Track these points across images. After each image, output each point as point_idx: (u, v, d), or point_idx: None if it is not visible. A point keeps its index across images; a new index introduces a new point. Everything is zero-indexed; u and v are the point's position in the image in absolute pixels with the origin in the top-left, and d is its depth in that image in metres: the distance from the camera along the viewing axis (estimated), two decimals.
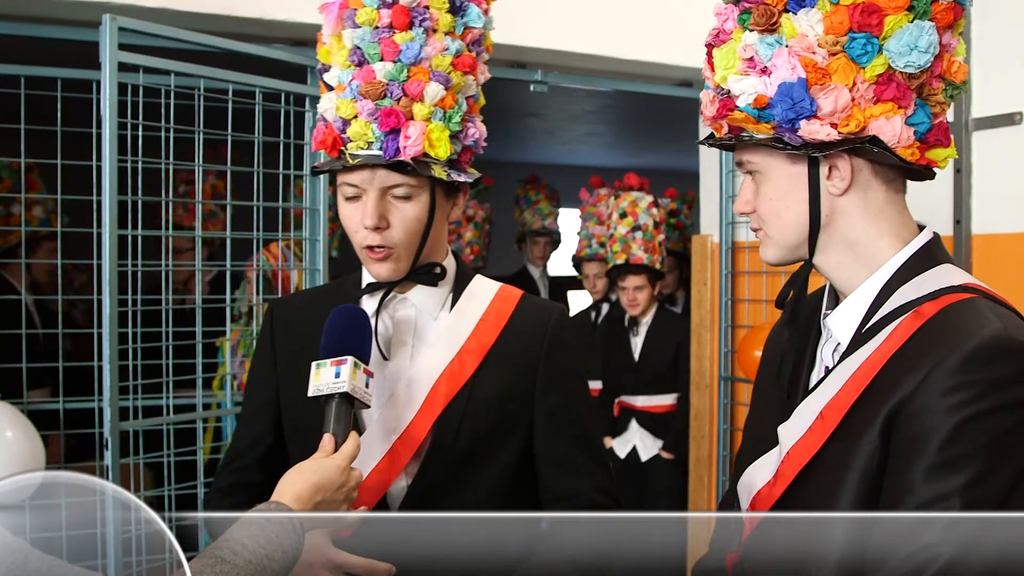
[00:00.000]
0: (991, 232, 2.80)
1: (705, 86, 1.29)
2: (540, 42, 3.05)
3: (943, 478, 1.02)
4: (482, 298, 1.56)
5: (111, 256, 2.31)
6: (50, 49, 2.59)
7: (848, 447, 1.12)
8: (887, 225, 1.21)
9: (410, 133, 1.39)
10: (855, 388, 1.13)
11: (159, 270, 2.69)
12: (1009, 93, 2.75)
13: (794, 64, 1.13)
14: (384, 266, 1.45)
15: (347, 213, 1.45)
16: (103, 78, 2.30)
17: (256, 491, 1.50)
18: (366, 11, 1.40)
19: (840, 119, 1.13)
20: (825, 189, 1.19)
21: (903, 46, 1.11)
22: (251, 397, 1.63)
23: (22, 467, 2.38)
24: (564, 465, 1.53)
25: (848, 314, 1.22)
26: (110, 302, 2.33)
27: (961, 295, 1.14)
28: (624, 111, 6.39)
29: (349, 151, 1.42)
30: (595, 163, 9.18)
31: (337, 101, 1.42)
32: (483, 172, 5.89)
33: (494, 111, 6.11)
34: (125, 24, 2.30)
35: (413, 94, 1.40)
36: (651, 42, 3.23)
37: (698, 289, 3.83)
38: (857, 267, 1.21)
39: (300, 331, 1.55)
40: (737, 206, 1.30)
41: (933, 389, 1.05)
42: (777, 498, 1.20)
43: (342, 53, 1.43)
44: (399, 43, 1.39)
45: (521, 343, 1.52)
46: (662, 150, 7.94)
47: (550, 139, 7.69)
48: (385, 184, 1.41)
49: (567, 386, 1.55)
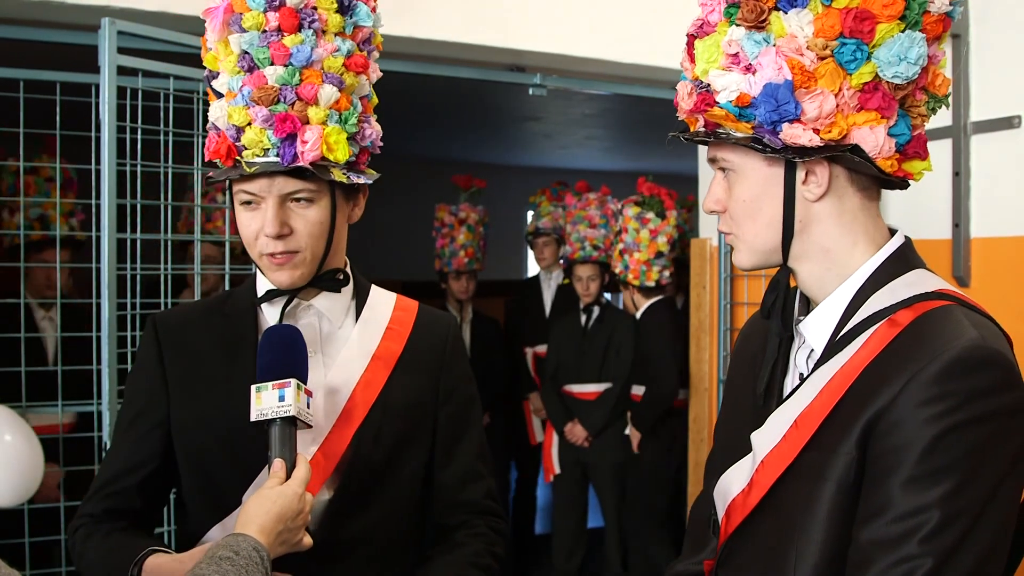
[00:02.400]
0: (990, 236, 2.80)
1: (682, 77, 1.26)
2: (539, 46, 3.05)
3: (922, 490, 1.02)
4: (384, 307, 1.56)
5: (109, 260, 2.31)
6: (49, 53, 2.59)
7: (824, 457, 1.11)
8: (861, 232, 1.19)
9: (307, 138, 1.35)
10: (830, 398, 1.12)
11: (158, 274, 2.68)
12: (1008, 97, 2.75)
13: (780, 65, 1.10)
14: (286, 272, 1.41)
15: (245, 221, 1.41)
16: (102, 82, 2.31)
17: (136, 518, 1.48)
18: (252, 15, 1.35)
19: (823, 125, 1.11)
20: (800, 194, 1.16)
21: (893, 56, 1.09)
22: (134, 417, 1.49)
23: (22, 471, 2.38)
24: (463, 471, 1.57)
25: (821, 320, 1.20)
26: (108, 306, 2.32)
27: (936, 302, 1.12)
28: (623, 115, 6.40)
29: (245, 159, 1.37)
30: (594, 166, 9.19)
31: (229, 108, 1.37)
32: (481, 175, 5.86)
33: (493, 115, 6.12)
34: (124, 28, 2.31)
35: (307, 98, 1.35)
36: (650, 46, 3.24)
37: (697, 292, 3.83)
38: (831, 274, 1.20)
39: (192, 348, 1.49)
40: (706, 204, 1.26)
41: (910, 400, 1.04)
42: (752, 507, 1.19)
43: (230, 59, 1.37)
44: (289, 46, 1.35)
45: (425, 352, 1.55)
46: (661, 153, 7.94)
47: (549, 143, 7.70)
48: (284, 191, 1.37)
49: (465, 393, 1.60)
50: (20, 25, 2.51)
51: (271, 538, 1.24)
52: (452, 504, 1.57)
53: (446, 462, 1.56)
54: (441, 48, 2.95)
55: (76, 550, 1.45)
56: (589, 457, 4.47)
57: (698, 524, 1.45)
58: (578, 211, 4.76)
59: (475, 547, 1.53)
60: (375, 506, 1.46)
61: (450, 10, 2.87)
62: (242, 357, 1.46)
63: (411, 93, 5.12)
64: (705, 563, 1.36)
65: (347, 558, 1.44)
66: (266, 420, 1.31)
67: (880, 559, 1.03)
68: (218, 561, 1.17)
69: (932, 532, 1.00)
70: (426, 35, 2.83)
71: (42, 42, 2.53)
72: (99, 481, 1.49)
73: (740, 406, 1.34)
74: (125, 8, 2.46)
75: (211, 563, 1.17)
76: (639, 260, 4.36)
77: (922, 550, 1.00)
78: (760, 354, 1.32)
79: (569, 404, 4.53)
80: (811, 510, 1.11)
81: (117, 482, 1.47)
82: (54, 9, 2.46)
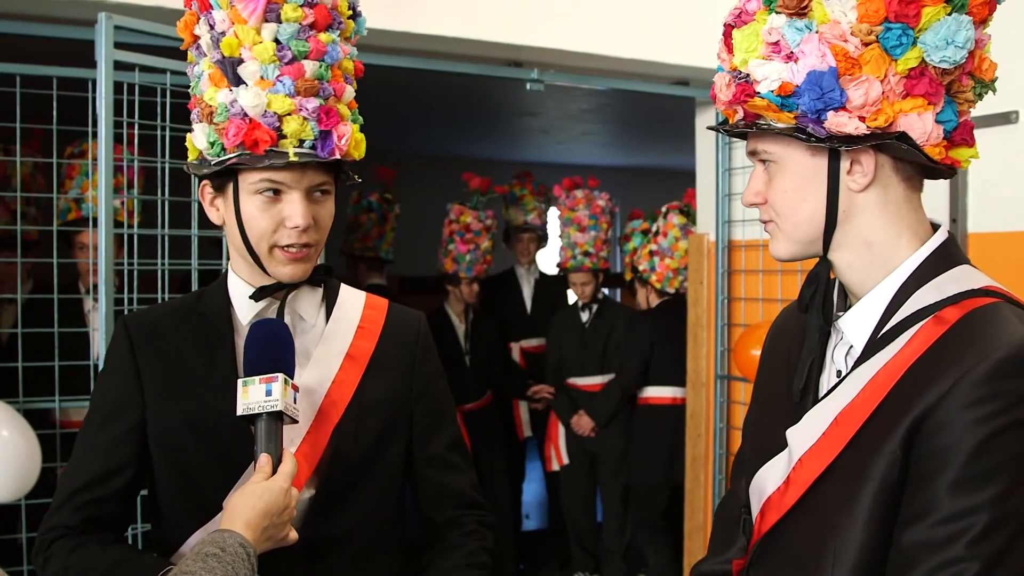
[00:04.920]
0: (987, 231, 2.81)
1: (719, 68, 1.22)
2: (536, 41, 3.05)
3: (969, 492, 0.99)
4: (354, 306, 1.57)
5: (107, 254, 2.31)
6: (46, 47, 2.58)
7: (866, 456, 1.08)
8: (905, 224, 1.16)
9: (342, 132, 1.37)
10: (874, 396, 1.09)
11: (156, 269, 2.68)
12: (1005, 92, 2.75)
13: (824, 52, 1.07)
14: (300, 267, 1.41)
15: (258, 213, 1.38)
16: (99, 76, 2.30)
17: (115, 525, 1.45)
18: (292, 7, 1.35)
19: (869, 112, 1.08)
20: (844, 184, 1.13)
21: (940, 40, 1.06)
22: (105, 421, 1.44)
23: (19, 466, 2.38)
24: (444, 465, 1.58)
25: (863, 317, 1.17)
26: (105, 300, 2.32)
27: (983, 299, 1.09)
28: (621, 110, 6.40)
29: (281, 148, 1.35)
30: (592, 162, 9.18)
31: (269, 97, 1.34)
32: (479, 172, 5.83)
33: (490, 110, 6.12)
34: (121, 23, 2.30)
35: (339, 94, 1.39)
36: (648, 41, 3.23)
37: (694, 288, 3.83)
38: (872, 267, 1.16)
39: (167, 349, 1.46)
40: (746, 197, 1.23)
41: (958, 401, 1.01)
42: (789, 506, 1.17)
43: (264, 47, 1.35)
44: (324, 42, 1.38)
45: (397, 349, 1.56)
46: (659, 149, 7.95)
47: (546, 138, 7.70)
48: (313, 183, 1.39)
49: (438, 388, 1.61)
50: (17, 20, 2.50)
51: (257, 534, 1.23)
52: (438, 498, 1.58)
53: (424, 457, 1.57)
54: (438, 43, 2.94)
55: (52, 565, 1.38)
56: (596, 447, 4.56)
57: (726, 523, 1.41)
58: (566, 212, 4.74)
59: (470, 547, 1.54)
60: (356, 504, 1.47)
61: (447, 5, 2.87)
62: (220, 356, 1.45)
63: (408, 89, 5.11)
64: (734, 562, 1.32)
65: (330, 556, 1.44)
66: (252, 415, 1.30)
67: (925, 562, 1.00)
68: (204, 558, 1.16)
69: (980, 535, 0.98)
70: (423, 30, 2.83)
71: (39, 37, 2.52)
72: (68, 489, 1.42)
73: (773, 403, 1.30)
74: (122, 3, 2.45)
75: (197, 560, 1.16)
76: (669, 267, 4.41)
77: (969, 553, 0.98)
78: (795, 349, 1.29)
79: (574, 397, 4.61)
80: (851, 510, 1.09)
81: (92, 490, 1.41)
82: (51, 4, 2.46)
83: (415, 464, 1.57)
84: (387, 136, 7.04)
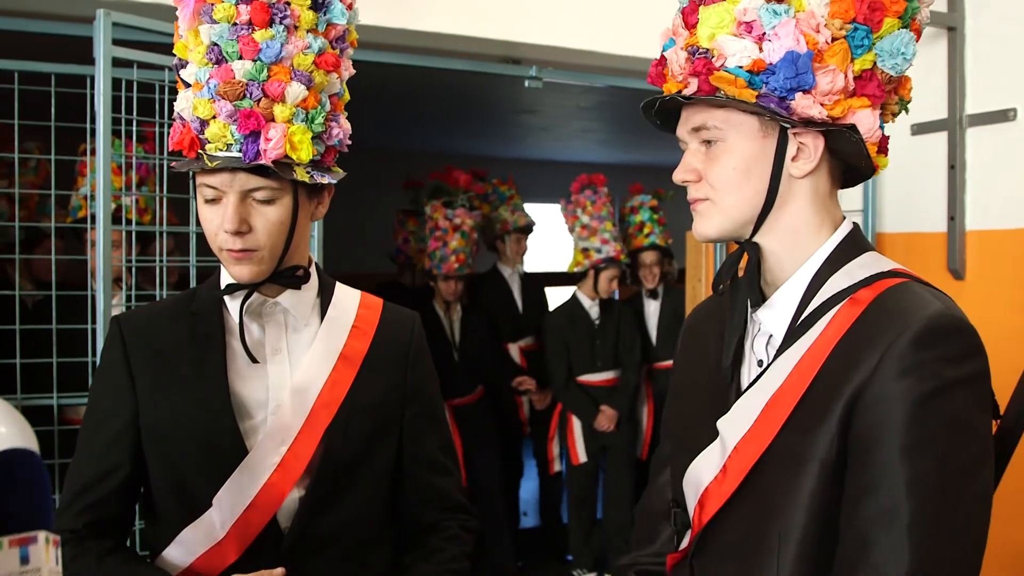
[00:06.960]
0: (985, 229, 2.81)
1: (666, 46, 1.27)
2: (535, 38, 3.05)
3: (911, 461, 1.03)
4: (349, 305, 1.56)
5: (104, 251, 2.31)
6: (44, 44, 2.58)
7: (803, 438, 1.11)
8: (827, 216, 1.21)
9: (271, 135, 1.33)
10: (802, 379, 1.13)
11: (154, 266, 2.68)
12: (1003, 89, 2.76)
13: (799, 38, 1.13)
14: (245, 267, 1.40)
15: (207, 215, 1.39)
16: (97, 73, 2.30)
17: (117, 527, 1.46)
18: (224, 6, 1.33)
19: (831, 100, 1.14)
20: (788, 169, 1.18)
21: (893, 48, 1.15)
22: (100, 421, 1.46)
23: None
24: (433, 467, 1.59)
25: (780, 306, 1.21)
26: (103, 297, 2.32)
27: (894, 279, 1.15)
28: (619, 107, 6.39)
29: (208, 152, 1.35)
30: (590, 159, 9.19)
31: (194, 100, 1.35)
32: (477, 168, 5.79)
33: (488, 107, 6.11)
34: (119, 19, 2.30)
35: (274, 95, 1.33)
36: (646, 38, 3.23)
37: (692, 285, 3.84)
38: (794, 255, 1.21)
39: (159, 348, 1.47)
40: (678, 173, 1.24)
41: (887, 374, 1.05)
42: (729, 494, 1.18)
43: (199, 50, 1.35)
44: (259, 41, 1.33)
45: (391, 350, 1.56)
46: (656, 146, 7.95)
47: (545, 135, 7.70)
48: (245, 187, 1.36)
49: (430, 390, 1.61)
50: (15, 16, 2.50)
51: None
52: (425, 499, 1.59)
53: (414, 457, 1.57)
54: (436, 40, 2.94)
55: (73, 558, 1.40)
56: (610, 440, 4.62)
57: (649, 518, 1.44)
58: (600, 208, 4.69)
59: (450, 552, 1.55)
60: (346, 504, 1.47)
61: (446, 2, 2.87)
62: (211, 355, 1.45)
63: (406, 86, 5.11)
64: (669, 557, 1.32)
65: (320, 556, 1.45)
66: None
67: (881, 534, 1.03)
68: None
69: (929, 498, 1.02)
70: (421, 27, 2.83)
71: (37, 33, 2.52)
72: (70, 491, 1.44)
73: (697, 397, 1.33)
74: (120, 0, 2.45)
75: None
76: None
77: (921, 517, 1.01)
78: (714, 340, 1.32)
79: (593, 395, 4.65)
80: (792, 493, 1.11)
81: (92, 491, 1.43)
82: (49, 1, 2.45)
83: (404, 464, 1.58)
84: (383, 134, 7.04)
